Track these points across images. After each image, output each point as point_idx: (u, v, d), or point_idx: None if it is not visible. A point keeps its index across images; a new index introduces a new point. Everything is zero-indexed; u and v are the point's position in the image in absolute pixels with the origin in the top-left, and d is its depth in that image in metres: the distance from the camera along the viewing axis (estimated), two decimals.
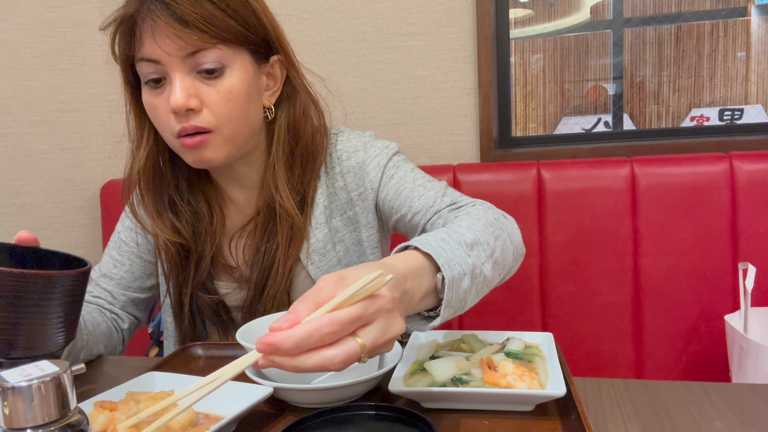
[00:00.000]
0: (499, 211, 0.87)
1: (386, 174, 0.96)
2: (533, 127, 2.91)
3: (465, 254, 0.68)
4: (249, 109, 0.87)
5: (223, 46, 0.82)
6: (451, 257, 0.66)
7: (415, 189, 0.93)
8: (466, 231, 0.73)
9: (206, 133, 0.84)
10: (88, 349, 0.87)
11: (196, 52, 0.81)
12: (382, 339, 0.52)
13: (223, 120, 0.84)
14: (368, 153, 0.97)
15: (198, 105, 0.83)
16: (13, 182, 1.63)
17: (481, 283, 0.71)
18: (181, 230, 0.94)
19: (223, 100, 0.84)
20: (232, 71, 0.84)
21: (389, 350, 0.54)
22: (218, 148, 0.86)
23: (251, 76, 0.87)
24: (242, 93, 0.85)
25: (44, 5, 1.63)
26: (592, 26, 2.40)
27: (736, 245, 1.30)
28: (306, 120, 0.94)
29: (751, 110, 2.09)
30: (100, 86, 1.72)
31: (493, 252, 0.74)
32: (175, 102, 0.81)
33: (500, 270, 0.77)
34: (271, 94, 0.92)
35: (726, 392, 0.67)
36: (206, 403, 0.64)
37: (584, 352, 1.37)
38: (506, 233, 0.81)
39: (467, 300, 0.69)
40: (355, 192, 0.97)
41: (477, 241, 0.72)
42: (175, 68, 0.82)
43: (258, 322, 0.78)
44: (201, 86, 0.83)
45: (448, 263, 0.65)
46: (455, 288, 0.65)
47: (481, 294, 0.73)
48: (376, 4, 1.59)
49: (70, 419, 0.41)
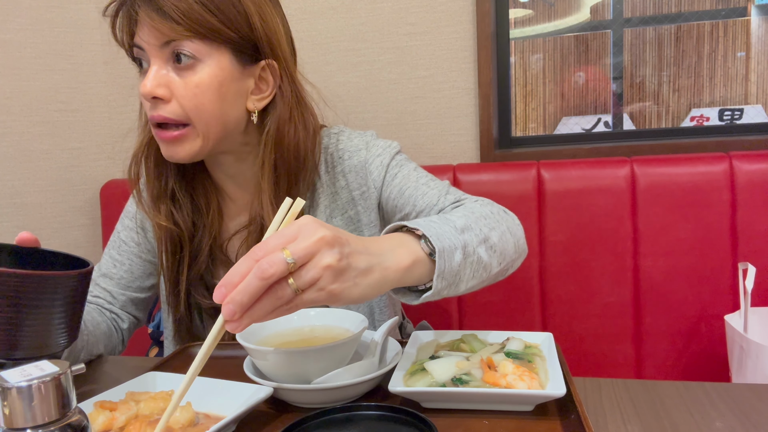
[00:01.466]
0: (500, 206, 0.88)
1: (389, 173, 0.96)
2: (533, 127, 2.91)
3: (455, 233, 0.70)
4: (223, 108, 0.86)
5: (197, 40, 0.83)
6: (440, 233, 0.68)
7: (419, 187, 0.93)
8: (458, 218, 0.75)
9: (185, 127, 0.85)
10: (88, 349, 0.87)
11: (170, 41, 0.83)
12: (304, 242, 0.54)
13: (192, 113, 0.84)
14: (371, 152, 0.97)
15: (166, 94, 0.84)
16: (13, 182, 1.63)
17: (476, 264, 0.72)
18: (177, 219, 0.95)
19: (190, 93, 0.84)
20: (204, 66, 0.84)
21: (328, 262, 0.55)
22: (192, 143, 0.86)
23: (228, 74, 0.86)
24: (211, 89, 0.85)
25: (44, 5, 1.63)
26: (592, 26, 2.39)
27: (736, 245, 1.30)
28: (292, 131, 0.91)
29: (751, 110, 2.09)
30: (100, 86, 1.72)
31: (486, 238, 0.75)
32: (143, 89, 0.84)
33: (499, 258, 0.77)
34: (259, 99, 0.90)
35: (726, 392, 0.67)
36: (206, 403, 0.64)
37: (584, 352, 1.37)
38: (505, 226, 0.81)
39: (462, 278, 0.70)
40: (357, 191, 0.97)
41: (468, 227, 0.74)
42: (153, 56, 0.84)
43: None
44: (174, 77, 0.84)
45: (437, 236, 0.67)
46: (447, 258, 0.67)
47: (479, 278, 0.73)
48: (376, 4, 1.59)
49: (70, 419, 0.41)
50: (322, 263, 0.54)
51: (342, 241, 0.57)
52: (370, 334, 0.77)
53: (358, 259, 0.58)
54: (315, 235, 0.54)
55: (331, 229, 0.56)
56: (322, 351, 0.66)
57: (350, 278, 0.57)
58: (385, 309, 1.00)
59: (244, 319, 0.54)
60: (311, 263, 0.54)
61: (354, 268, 0.58)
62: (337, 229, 0.58)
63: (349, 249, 0.57)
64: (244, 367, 0.71)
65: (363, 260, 0.59)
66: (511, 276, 0.86)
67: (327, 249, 0.55)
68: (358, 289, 0.58)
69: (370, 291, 0.60)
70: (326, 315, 0.80)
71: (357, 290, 0.58)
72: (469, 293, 0.76)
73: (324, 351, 0.66)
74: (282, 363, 0.67)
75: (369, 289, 0.60)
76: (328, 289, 0.56)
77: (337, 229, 0.58)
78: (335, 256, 0.55)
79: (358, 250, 0.59)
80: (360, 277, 0.58)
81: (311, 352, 0.66)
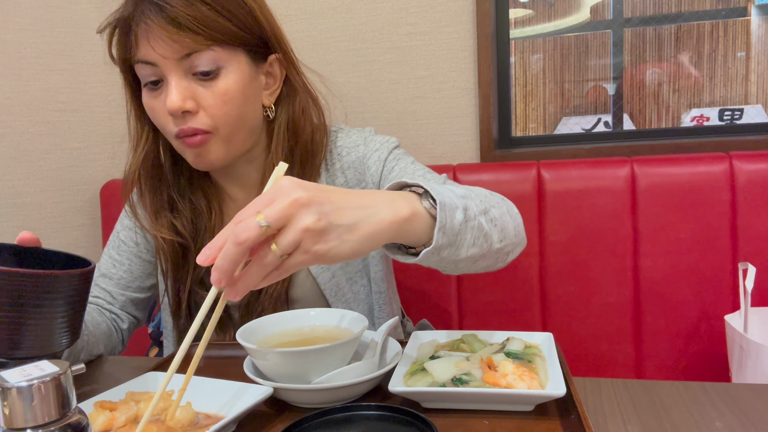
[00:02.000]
0: (499, 195, 0.86)
1: (387, 167, 0.96)
2: (533, 127, 2.90)
3: (456, 197, 0.68)
4: (247, 110, 0.87)
5: (218, 47, 0.82)
6: (440, 191, 0.66)
7: (416, 180, 0.93)
8: (457, 188, 0.73)
9: (206, 134, 0.84)
10: (88, 349, 0.87)
11: (190, 54, 0.81)
12: (278, 204, 0.53)
13: (221, 121, 0.84)
14: (368, 147, 0.97)
15: (194, 107, 0.83)
16: (13, 182, 1.63)
17: (476, 230, 0.69)
18: (179, 229, 0.95)
19: (219, 101, 0.84)
20: (227, 72, 0.84)
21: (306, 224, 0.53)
22: (217, 149, 0.86)
23: (248, 76, 0.86)
24: (239, 94, 0.85)
25: (44, 5, 1.63)
26: (592, 26, 2.39)
27: (736, 245, 1.30)
28: (305, 118, 0.93)
29: (751, 110, 2.09)
30: (100, 86, 1.72)
31: (486, 210, 0.73)
32: (171, 105, 0.81)
33: (500, 234, 0.74)
34: (270, 93, 0.92)
35: (726, 392, 0.67)
36: (206, 403, 0.64)
37: (584, 352, 1.37)
38: (504, 208, 0.79)
39: (462, 241, 0.67)
40: (357, 187, 0.97)
41: (468, 196, 0.71)
42: (170, 70, 0.82)
43: (258, 322, 0.78)
44: (197, 88, 0.83)
45: (438, 192, 0.65)
46: (448, 213, 0.64)
47: (480, 246, 0.70)
48: (376, 4, 1.59)
49: (70, 419, 0.41)
50: (300, 225, 0.53)
51: (320, 200, 0.55)
52: (370, 334, 0.77)
53: (341, 215, 0.56)
54: (290, 197, 0.53)
55: (309, 188, 0.55)
56: (322, 351, 0.66)
57: (335, 236, 0.55)
58: (384, 307, 1.00)
59: (238, 287, 0.53)
60: (290, 226, 0.53)
61: (337, 225, 0.55)
62: (319, 186, 0.56)
63: (330, 207, 0.55)
64: (244, 367, 0.71)
65: (347, 216, 0.56)
66: (511, 276, 0.86)
67: (303, 210, 0.53)
68: (348, 245, 0.56)
69: (361, 246, 0.58)
70: (326, 315, 0.80)
71: (346, 246, 0.56)
72: (469, 294, 0.76)
73: (324, 351, 0.66)
74: (282, 363, 0.67)
75: (360, 244, 0.57)
76: (312, 250, 0.54)
77: (319, 187, 0.56)
78: (313, 217, 0.53)
79: (341, 205, 0.56)
80: (347, 234, 0.56)
81: (311, 352, 0.66)
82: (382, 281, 1.00)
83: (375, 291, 1.00)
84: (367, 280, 1.00)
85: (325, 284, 0.96)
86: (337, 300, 0.97)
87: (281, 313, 0.80)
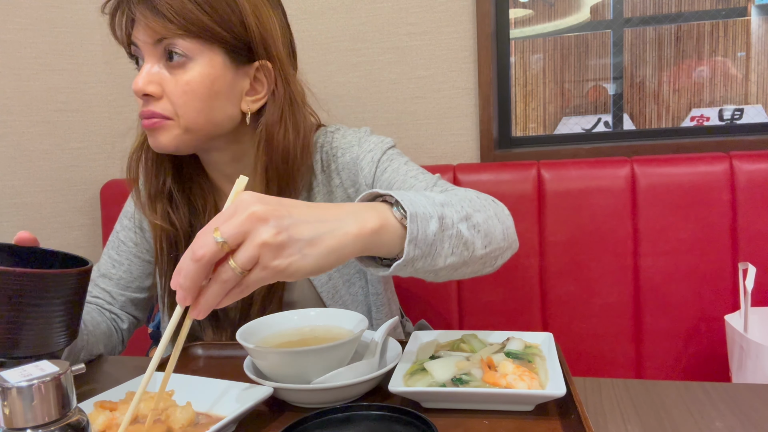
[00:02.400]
0: (490, 196, 0.85)
1: (380, 168, 0.95)
2: (533, 127, 2.91)
3: (432, 205, 0.67)
4: (213, 107, 0.87)
5: (190, 38, 0.83)
6: (414, 200, 0.65)
7: (407, 180, 0.92)
8: (437, 195, 0.72)
9: (164, 119, 0.86)
10: (88, 349, 0.87)
11: (161, 39, 0.83)
12: (234, 220, 0.52)
13: (180, 110, 0.85)
14: (362, 148, 0.97)
15: (157, 91, 0.85)
16: (13, 182, 1.63)
17: (455, 238, 0.68)
18: (174, 220, 0.95)
19: (180, 90, 0.85)
20: (195, 65, 0.84)
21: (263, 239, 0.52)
22: (173, 135, 0.87)
23: (219, 73, 0.86)
24: (203, 88, 0.85)
25: (44, 5, 1.63)
26: (592, 26, 2.39)
27: (736, 245, 1.30)
28: (281, 133, 0.90)
29: (751, 110, 2.09)
30: (100, 86, 1.72)
31: (468, 216, 0.71)
32: (135, 86, 0.85)
33: (484, 240, 0.73)
34: (254, 100, 0.90)
35: (726, 392, 0.67)
36: (206, 403, 0.64)
37: (584, 352, 1.37)
38: (492, 211, 0.78)
39: (439, 251, 0.66)
40: (352, 189, 0.97)
41: (448, 203, 0.70)
42: (147, 54, 0.85)
43: (258, 322, 0.78)
44: (165, 74, 0.85)
45: (410, 201, 0.64)
46: (420, 224, 0.63)
47: (460, 255, 0.69)
48: (376, 4, 1.59)
49: (70, 419, 0.41)
50: (256, 240, 0.52)
51: (279, 214, 0.53)
52: (370, 334, 0.77)
53: (301, 230, 0.55)
54: (246, 211, 0.52)
55: (267, 202, 0.54)
56: (322, 351, 0.66)
57: (296, 251, 0.54)
58: (381, 308, 1.00)
59: (200, 305, 0.53)
60: (247, 242, 0.52)
61: (297, 240, 0.54)
62: (280, 200, 0.56)
63: (290, 221, 0.54)
64: (244, 367, 0.71)
65: (308, 230, 0.55)
66: (511, 276, 0.85)
67: (261, 225, 0.52)
68: (308, 260, 0.55)
69: (324, 261, 0.56)
70: (326, 315, 0.80)
71: (306, 261, 0.55)
72: (469, 294, 0.75)
73: (324, 351, 0.66)
74: (282, 363, 0.67)
75: (322, 258, 0.56)
76: (271, 266, 0.53)
77: (280, 201, 0.55)
78: (270, 231, 0.52)
79: (301, 219, 0.55)
80: (308, 248, 0.55)
81: (311, 352, 0.66)
82: (379, 282, 1.00)
83: (372, 293, 1.00)
84: (364, 282, 1.00)
85: (322, 287, 0.96)
86: (335, 302, 0.97)
87: (281, 313, 0.81)
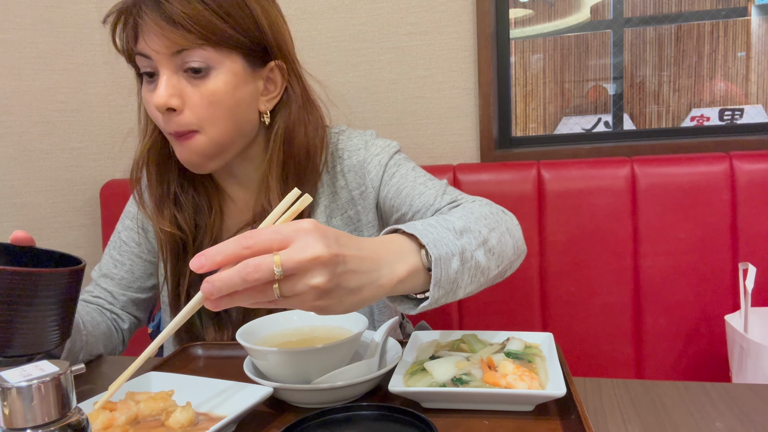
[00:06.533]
0: (498, 206, 0.87)
1: (387, 172, 0.96)
2: (533, 127, 2.91)
3: (453, 238, 0.68)
4: (236, 113, 0.86)
5: (210, 47, 0.82)
6: (437, 238, 0.66)
7: (416, 187, 0.93)
8: (457, 220, 0.73)
9: (192, 132, 0.85)
10: (88, 349, 0.87)
11: (181, 50, 0.81)
12: (297, 255, 0.52)
13: (206, 122, 0.84)
14: (369, 151, 0.97)
15: (179, 104, 0.83)
16: (13, 182, 1.63)
17: (474, 269, 0.70)
18: (180, 223, 0.95)
19: (206, 102, 0.83)
20: (218, 73, 0.83)
21: (316, 283, 0.53)
22: (204, 149, 0.86)
23: (240, 80, 0.85)
24: (227, 96, 0.84)
25: (44, 5, 1.63)
26: (592, 26, 2.40)
27: (736, 245, 1.30)
28: (302, 130, 0.91)
29: (751, 110, 2.09)
30: (100, 86, 1.72)
31: (485, 241, 0.73)
32: (157, 99, 0.82)
33: (498, 261, 0.75)
34: (268, 100, 0.91)
35: (726, 392, 0.67)
36: (206, 403, 0.64)
37: (584, 352, 1.37)
38: (504, 227, 0.80)
39: (459, 284, 0.68)
40: (357, 191, 0.97)
41: (467, 229, 0.72)
42: (163, 65, 0.83)
43: (258, 322, 0.78)
44: (186, 85, 0.83)
45: (434, 243, 0.65)
46: (443, 267, 0.65)
47: (477, 282, 0.72)
48: (376, 4, 1.59)
49: (70, 419, 0.41)
50: (310, 282, 0.52)
51: (337, 261, 0.54)
52: (370, 334, 0.77)
53: (350, 279, 0.56)
54: (311, 252, 0.52)
55: (329, 244, 0.54)
56: (322, 351, 0.66)
57: (336, 297, 0.55)
58: (384, 309, 1.00)
59: (222, 302, 0.53)
60: (300, 278, 0.52)
61: (343, 288, 0.55)
62: (338, 238, 0.56)
63: (343, 269, 0.55)
64: (244, 367, 0.71)
65: (354, 280, 0.56)
66: (511, 276, 0.85)
67: (320, 268, 0.53)
68: (343, 306, 0.57)
69: (355, 308, 0.58)
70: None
71: (341, 307, 0.57)
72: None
73: (324, 351, 0.66)
74: (282, 363, 0.67)
75: (354, 306, 0.58)
76: (311, 303, 0.54)
77: (338, 239, 0.55)
78: (326, 277, 0.53)
79: (352, 269, 0.56)
80: (347, 296, 0.56)
81: (311, 352, 0.66)
82: None
83: None
84: None
85: None
86: None
87: (281, 313, 0.80)
